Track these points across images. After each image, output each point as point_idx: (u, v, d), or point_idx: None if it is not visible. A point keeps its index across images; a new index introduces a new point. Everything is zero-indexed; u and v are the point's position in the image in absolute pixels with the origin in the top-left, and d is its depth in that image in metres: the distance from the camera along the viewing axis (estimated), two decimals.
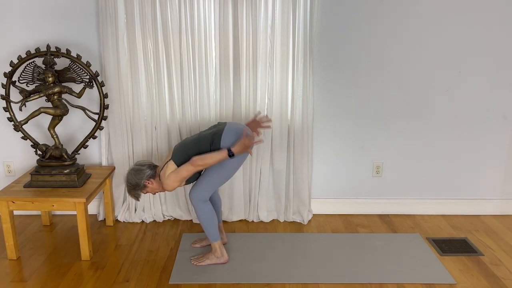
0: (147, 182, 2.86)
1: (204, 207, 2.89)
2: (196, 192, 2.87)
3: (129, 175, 2.88)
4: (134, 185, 2.85)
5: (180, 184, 2.86)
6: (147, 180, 2.86)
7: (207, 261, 2.97)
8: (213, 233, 2.94)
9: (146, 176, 2.85)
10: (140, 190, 2.88)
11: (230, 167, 2.87)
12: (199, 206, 2.88)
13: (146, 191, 2.90)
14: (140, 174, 2.85)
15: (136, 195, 2.91)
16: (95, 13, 3.31)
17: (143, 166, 2.88)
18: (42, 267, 2.97)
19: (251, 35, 3.25)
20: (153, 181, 2.88)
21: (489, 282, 2.83)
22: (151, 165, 2.92)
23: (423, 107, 3.53)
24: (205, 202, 2.89)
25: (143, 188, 2.87)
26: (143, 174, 2.85)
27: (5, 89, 3.16)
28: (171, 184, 2.83)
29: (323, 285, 2.79)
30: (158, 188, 2.91)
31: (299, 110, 3.43)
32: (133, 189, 2.87)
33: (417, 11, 3.33)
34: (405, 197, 3.73)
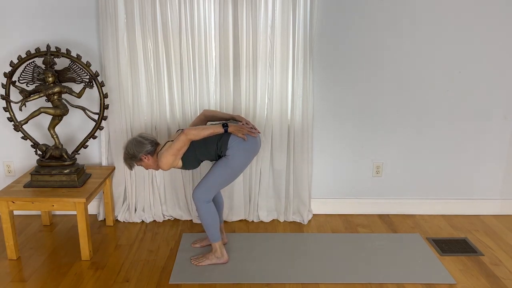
0: (144, 156, 2.84)
1: (207, 207, 2.88)
2: (199, 192, 2.86)
3: (129, 144, 2.86)
4: (131, 155, 2.84)
5: (174, 160, 2.81)
6: (145, 155, 2.83)
7: (207, 261, 2.97)
8: (214, 233, 2.93)
9: (145, 151, 2.83)
10: (135, 162, 2.87)
11: (235, 168, 2.86)
12: (202, 206, 2.87)
13: (140, 165, 2.89)
14: (140, 147, 2.83)
15: (130, 165, 2.89)
16: (95, 13, 3.31)
17: (146, 140, 2.86)
18: (42, 267, 2.97)
19: (251, 35, 3.25)
20: (150, 157, 2.86)
21: (489, 282, 2.83)
22: (154, 142, 2.89)
23: (423, 107, 3.53)
24: (208, 202, 2.88)
25: (139, 161, 2.85)
26: (143, 148, 2.83)
27: (5, 89, 3.16)
28: (166, 160, 2.79)
29: (323, 285, 2.79)
30: (153, 166, 2.89)
31: (299, 110, 3.43)
32: (129, 158, 2.86)
33: (417, 11, 3.33)
34: (405, 197, 3.73)
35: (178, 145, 2.78)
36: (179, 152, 2.80)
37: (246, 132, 2.82)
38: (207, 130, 2.78)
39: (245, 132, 2.82)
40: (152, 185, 3.57)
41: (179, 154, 2.81)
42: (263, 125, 3.44)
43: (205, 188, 2.86)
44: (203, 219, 2.90)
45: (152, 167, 2.91)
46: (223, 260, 2.98)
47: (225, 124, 2.81)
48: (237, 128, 2.80)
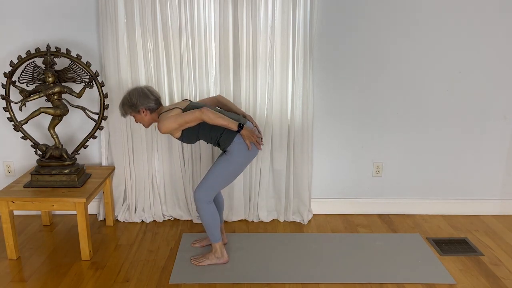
0: (143, 110, 2.79)
1: (208, 208, 2.87)
2: (200, 192, 2.85)
3: (134, 92, 2.80)
4: (132, 103, 2.79)
5: (176, 129, 2.75)
6: (145, 109, 2.79)
7: (207, 261, 2.97)
8: (214, 234, 2.93)
9: (147, 105, 2.79)
10: (131, 111, 2.82)
11: (235, 166, 2.85)
12: (203, 206, 2.86)
13: (133, 116, 2.85)
14: (144, 99, 2.78)
15: (125, 112, 2.84)
16: (95, 13, 3.31)
17: (152, 95, 2.80)
18: (42, 267, 2.97)
19: (251, 35, 3.25)
20: (148, 114, 2.82)
21: (489, 282, 2.83)
22: (158, 100, 2.83)
23: (423, 107, 3.53)
24: (209, 203, 2.87)
25: (136, 112, 2.81)
26: (146, 101, 2.78)
27: (5, 89, 3.16)
28: (168, 125, 2.71)
29: (323, 285, 2.79)
30: (146, 123, 2.86)
31: (299, 110, 3.43)
32: (128, 106, 2.81)
33: (417, 11, 3.33)
34: (405, 197, 3.73)
35: (189, 118, 2.72)
36: (185, 124, 2.75)
37: (254, 141, 2.80)
38: (223, 120, 2.71)
39: (253, 141, 2.79)
40: (152, 185, 3.57)
41: (185, 126, 2.76)
42: (263, 125, 3.44)
43: (206, 188, 2.85)
44: (204, 219, 2.90)
45: (144, 123, 2.87)
46: (223, 260, 2.98)
47: (241, 125, 2.75)
48: (248, 134, 2.76)
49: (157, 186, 3.58)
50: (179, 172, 3.52)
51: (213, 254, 2.98)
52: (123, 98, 2.84)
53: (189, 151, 3.48)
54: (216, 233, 2.93)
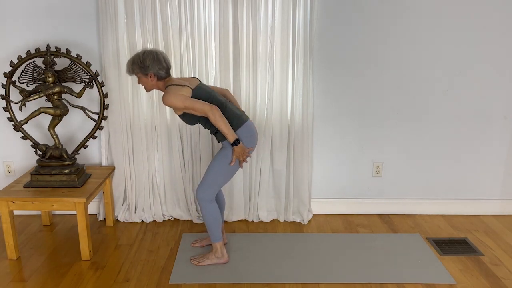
0: (151, 75, 2.72)
1: (211, 207, 2.88)
2: (202, 192, 2.85)
3: (149, 54, 2.71)
4: (143, 65, 2.71)
5: (180, 109, 2.71)
6: (154, 74, 2.73)
7: (207, 261, 2.97)
8: (216, 233, 2.93)
9: (157, 72, 2.72)
10: (139, 72, 2.72)
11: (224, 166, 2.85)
12: (205, 206, 2.87)
13: (139, 77, 2.76)
14: (156, 65, 2.71)
15: (132, 70, 2.74)
16: (95, 13, 3.31)
17: (165, 63, 2.73)
18: (42, 267, 2.97)
19: (251, 35, 3.25)
20: (155, 80, 2.74)
21: (489, 282, 2.83)
22: (168, 70, 2.77)
23: (423, 107, 3.53)
24: (211, 201, 2.88)
25: (144, 75, 2.72)
26: (157, 68, 2.72)
27: (5, 89, 3.16)
28: (175, 101, 2.66)
29: (323, 285, 2.79)
30: (149, 87, 2.80)
31: (299, 110, 3.43)
32: (138, 66, 2.72)
33: (417, 11, 3.33)
34: (405, 197, 3.73)
35: (197, 107, 2.68)
36: (191, 109, 2.70)
37: (240, 159, 2.81)
38: (225, 127, 2.70)
39: (240, 159, 2.81)
40: (152, 185, 3.57)
41: (188, 110, 2.71)
42: (263, 125, 3.44)
43: (207, 187, 2.85)
44: (206, 218, 2.89)
45: (146, 87, 2.80)
46: (223, 260, 2.98)
47: (238, 141, 2.74)
48: (240, 152, 2.77)
49: (157, 186, 3.58)
50: (179, 172, 3.52)
51: (214, 254, 2.98)
52: (135, 56, 2.73)
53: (189, 151, 3.48)
54: (217, 232, 2.93)
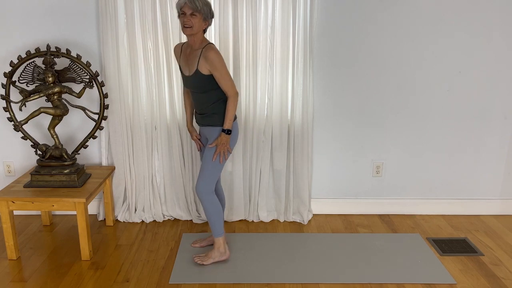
0: (206, 23, 2.68)
1: (213, 198, 2.87)
2: (202, 185, 2.84)
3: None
4: (210, 10, 2.66)
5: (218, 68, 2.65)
6: (207, 24, 2.69)
7: (211, 260, 2.97)
8: (218, 227, 2.93)
9: (209, 24, 2.71)
10: (202, 12, 2.61)
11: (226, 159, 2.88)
12: (206, 198, 2.86)
13: (196, 16, 2.60)
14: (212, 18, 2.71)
15: (200, 6, 2.59)
16: (95, 13, 3.31)
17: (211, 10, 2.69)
18: (42, 267, 2.97)
19: (251, 35, 3.25)
20: (203, 28, 2.68)
21: (489, 282, 2.83)
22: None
23: (423, 107, 3.53)
24: (212, 193, 2.87)
25: (203, 17, 2.63)
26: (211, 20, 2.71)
27: (5, 89, 3.16)
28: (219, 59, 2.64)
29: (323, 285, 2.79)
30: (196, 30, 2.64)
31: (299, 110, 3.43)
32: (207, 8, 2.64)
33: (417, 11, 3.33)
34: (405, 197, 3.73)
35: (228, 77, 2.69)
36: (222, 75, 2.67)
37: (221, 151, 2.79)
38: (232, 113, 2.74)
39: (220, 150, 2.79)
40: (152, 185, 3.57)
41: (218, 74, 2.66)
42: (263, 125, 3.44)
43: (205, 178, 2.84)
44: (208, 212, 2.89)
45: (194, 28, 2.62)
46: (226, 256, 2.98)
47: (230, 132, 2.77)
48: (224, 143, 2.77)
49: (157, 186, 3.58)
50: (179, 172, 3.52)
51: (217, 250, 2.97)
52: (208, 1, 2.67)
53: (189, 151, 3.48)
54: (220, 227, 2.93)
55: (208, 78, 2.71)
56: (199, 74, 2.70)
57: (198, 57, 2.70)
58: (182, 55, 2.83)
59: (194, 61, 2.71)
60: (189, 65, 2.75)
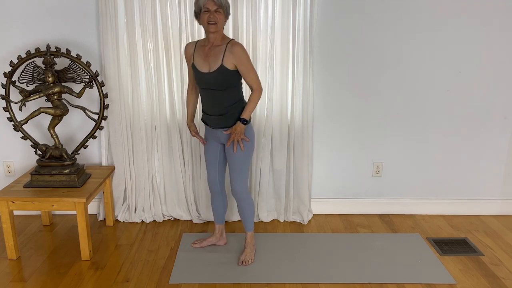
0: (227, 19, 2.70)
1: (250, 198, 2.98)
2: (240, 185, 2.87)
3: None
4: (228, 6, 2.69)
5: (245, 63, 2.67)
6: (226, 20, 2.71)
7: (251, 254, 3.02)
8: (252, 223, 3.03)
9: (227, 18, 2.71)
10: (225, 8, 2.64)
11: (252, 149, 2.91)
12: (246, 197, 2.93)
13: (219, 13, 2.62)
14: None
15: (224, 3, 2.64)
16: (95, 13, 3.30)
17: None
18: (42, 267, 2.97)
19: (251, 35, 3.24)
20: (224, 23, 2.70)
21: (489, 282, 2.83)
22: None
23: (423, 107, 3.53)
24: (248, 192, 2.95)
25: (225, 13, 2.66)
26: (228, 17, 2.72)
27: (5, 89, 3.16)
28: (246, 54, 2.67)
29: (323, 285, 2.79)
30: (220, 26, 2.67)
31: (299, 110, 3.43)
32: (228, 4, 2.68)
33: (417, 11, 3.33)
34: (405, 197, 3.73)
35: (254, 71, 2.73)
36: (248, 69, 2.70)
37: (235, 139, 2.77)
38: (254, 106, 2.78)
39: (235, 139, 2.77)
40: (152, 185, 3.57)
41: (244, 69, 2.68)
42: (263, 125, 3.44)
43: (239, 178, 2.87)
44: (248, 210, 2.97)
45: (218, 24, 2.64)
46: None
47: (247, 122, 2.77)
48: (239, 132, 2.76)
49: (157, 186, 3.58)
50: (179, 172, 3.52)
51: (251, 245, 3.05)
52: None
53: (189, 151, 3.48)
54: (253, 221, 3.04)
55: (232, 74, 2.70)
56: (223, 69, 2.68)
57: (223, 52, 2.68)
58: (198, 53, 2.77)
59: (218, 57, 2.68)
60: (210, 61, 2.71)
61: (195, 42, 2.85)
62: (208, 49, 2.73)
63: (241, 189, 2.88)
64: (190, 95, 3.00)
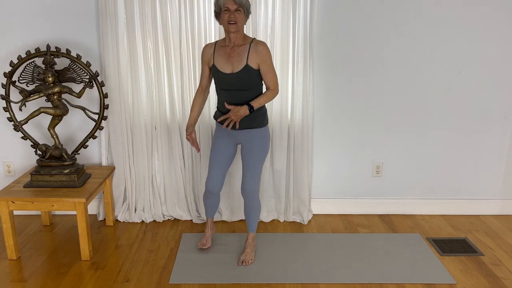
0: (247, 18, 2.68)
1: (259, 199, 2.98)
2: (253, 186, 2.88)
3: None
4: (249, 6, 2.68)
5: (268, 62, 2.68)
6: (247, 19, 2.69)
7: (250, 255, 3.02)
8: (256, 224, 3.06)
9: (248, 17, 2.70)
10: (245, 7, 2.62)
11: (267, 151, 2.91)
12: (256, 198, 2.94)
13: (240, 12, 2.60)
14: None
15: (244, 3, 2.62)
16: (95, 13, 3.30)
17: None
18: (42, 267, 2.97)
19: (251, 35, 3.24)
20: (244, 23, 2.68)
21: (489, 282, 2.83)
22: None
23: (423, 107, 3.53)
24: (258, 194, 2.96)
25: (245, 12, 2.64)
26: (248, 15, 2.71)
27: (5, 89, 3.16)
28: (269, 53, 2.68)
29: (323, 285, 2.79)
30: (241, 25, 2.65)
31: (299, 110, 3.43)
32: (249, 4, 2.66)
33: (417, 11, 3.33)
34: (405, 197, 3.73)
35: (273, 70, 2.74)
36: (269, 68, 2.71)
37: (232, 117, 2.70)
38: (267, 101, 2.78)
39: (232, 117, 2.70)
40: (152, 185, 3.57)
41: (266, 68, 2.69)
42: None
43: (254, 178, 2.88)
44: (255, 210, 2.98)
45: (239, 24, 2.62)
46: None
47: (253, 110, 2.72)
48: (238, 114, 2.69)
49: (157, 186, 3.58)
50: (179, 172, 3.52)
51: (252, 245, 3.06)
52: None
53: (189, 151, 3.48)
54: (257, 222, 3.06)
55: (257, 73, 2.70)
56: (248, 69, 2.67)
57: (247, 52, 2.66)
58: (219, 54, 2.73)
59: (242, 56, 2.66)
60: (233, 62, 2.68)
61: (214, 43, 2.80)
62: (231, 49, 2.71)
63: (253, 189, 2.88)
64: (198, 98, 2.95)
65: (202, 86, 2.93)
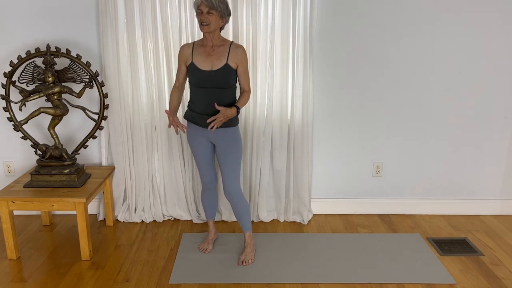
0: (223, 21, 2.73)
1: (245, 198, 2.98)
2: (235, 185, 2.89)
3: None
4: (227, 8, 2.72)
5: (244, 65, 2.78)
6: (224, 22, 2.75)
7: (250, 255, 3.02)
8: (249, 222, 3.04)
9: (226, 22, 2.77)
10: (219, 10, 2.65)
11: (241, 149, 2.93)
12: (241, 197, 2.93)
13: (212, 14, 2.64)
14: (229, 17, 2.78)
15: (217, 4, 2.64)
16: (95, 13, 3.31)
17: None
18: (42, 267, 2.97)
19: (251, 35, 3.25)
20: (220, 25, 2.72)
21: (489, 282, 2.83)
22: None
23: (423, 107, 3.53)
24: (242, 193, 2.96)
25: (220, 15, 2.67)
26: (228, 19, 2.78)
27: (5, 89, 3.16)
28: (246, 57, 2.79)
29: (323, 285, 2.79)
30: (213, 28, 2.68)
31: (299, 110, 3.43)
32: (224, 5, 2.69)
33: (417, 11, 3.33)
34: (405, 197, 3.73)
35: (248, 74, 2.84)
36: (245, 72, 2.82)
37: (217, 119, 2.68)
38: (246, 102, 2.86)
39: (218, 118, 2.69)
40: (152, 185, 3.57)
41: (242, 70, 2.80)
42: (263, 125, 3.44)
43: (234, 179, 2.89)
44: (244, 210, 2.98)
45: (211, 25, 2.66)
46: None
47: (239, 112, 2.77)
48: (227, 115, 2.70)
49: (157, 186, 3.58)
50: (179, 172, 3.52)
51: (251, 244, 3.05)
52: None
53: (189, 151, 3.48)
54: (250, 221, 3.05)
55: (234, 72, 2.79)
56: (228, 67, 2.75)
57: (227, 52, 2.76)
58: (198, 52, 2.79)
59: (222, 55, 2.75)
60: (213, 60, 2.76)
61: (192, 43, 2.86)
62: (211, 49, 2.78)
63: (236, 189, 2.89)
64: (175, 93, 2.97)
65: (179, 81, 2.94)
